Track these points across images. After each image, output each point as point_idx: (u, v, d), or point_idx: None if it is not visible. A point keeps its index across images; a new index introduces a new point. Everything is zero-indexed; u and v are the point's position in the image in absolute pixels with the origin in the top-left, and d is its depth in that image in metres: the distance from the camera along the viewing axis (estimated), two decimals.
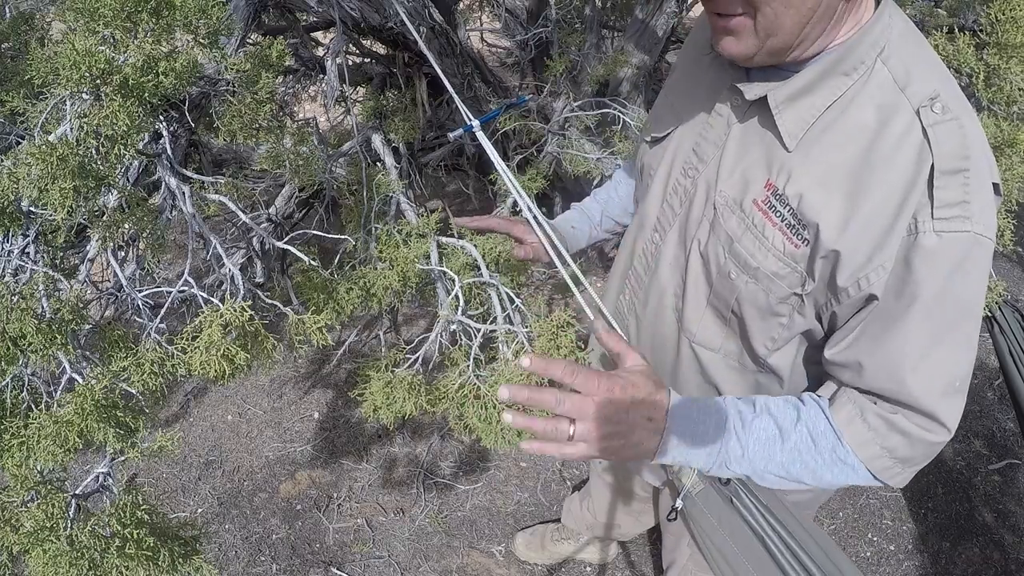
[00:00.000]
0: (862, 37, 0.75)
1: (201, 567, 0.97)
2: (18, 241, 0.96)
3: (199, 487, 2.25)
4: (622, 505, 1.67)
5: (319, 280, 1.23)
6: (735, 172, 0.84)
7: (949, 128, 0.72)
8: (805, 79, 0.77)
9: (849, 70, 0.76)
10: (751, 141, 0.83)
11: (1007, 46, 1.36)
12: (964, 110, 0.75)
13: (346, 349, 2.38)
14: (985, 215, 0.72)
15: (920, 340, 0.76)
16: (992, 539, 2.10)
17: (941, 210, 0.71)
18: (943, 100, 0.73)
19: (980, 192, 0.72)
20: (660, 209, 0.96)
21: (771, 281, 0.82)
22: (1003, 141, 1.36)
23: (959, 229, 0.71)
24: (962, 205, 0.71)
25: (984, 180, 0.73)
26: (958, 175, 0.71)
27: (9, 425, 0.89)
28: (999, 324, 1.60)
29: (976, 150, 0.73)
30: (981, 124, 0.85)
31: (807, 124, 0.78)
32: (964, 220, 0.71)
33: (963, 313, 0.75)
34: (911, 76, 0.75)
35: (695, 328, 0.94)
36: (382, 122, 1.74)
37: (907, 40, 0.78)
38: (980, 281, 0.75)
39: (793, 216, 0.78)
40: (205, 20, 0.93)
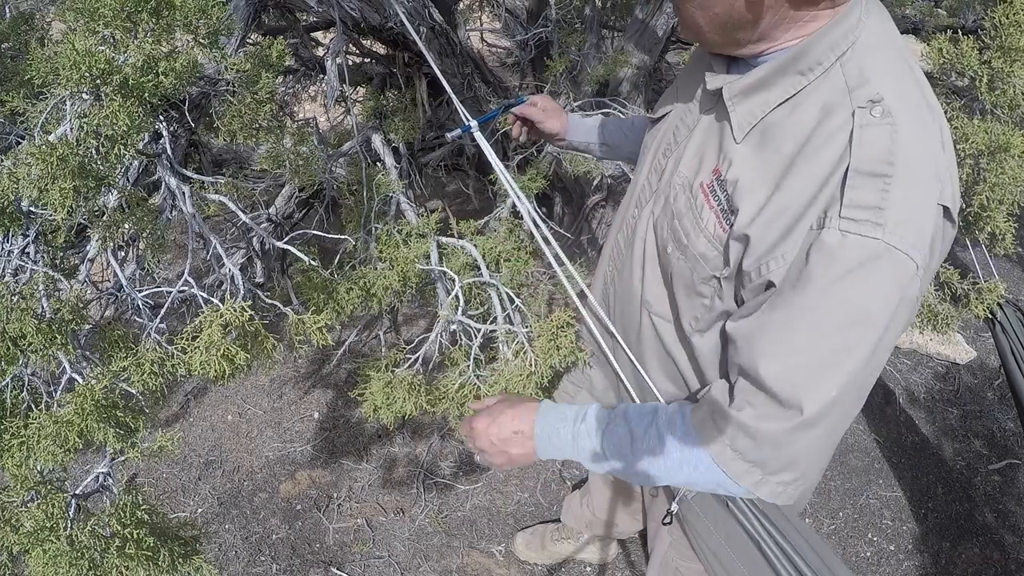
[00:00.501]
0: (820, 38, 0.75)
1: (201, 567, 0.97)
2: (18, 241, 0.96)
3: (199, 487, 2.25)
4: (621, 503, 1.67)
5: (319, 280, 1.23)
6: (695, 156, 0.89)
7: (879, 132, 0.70)
8: (758, 75, 0.79)
9: (805, 70, 0.76)
10: (713, 128, 0.87)
11: (1010, 50, 1.36)
12: (912, 119, 0.72)
13: (346, 349, 2.38)
14: (905, 229, 0.68)
15: (795, 332, 0.73)
16: (992, 539, 2.10)
17: (850, 210, 0.69)
18: (886, 104, 0.71)
19: (903, 204, 0.69)
20: (641, 185, 1.01)
21: (697, 261, 0.85)
22: (999, 146, 1.36)
23: (865, 234, 0.68)
24: (874, 211, 0.68)
25: (913, 194, 0.70)
26: (876, 179, 0.69)
27: (9, 425, 0.89)
28: (1000, 323, 1.60)
29: (909, 161, 0.70)
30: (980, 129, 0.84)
31: (756, 118, 0.80)
32: (874, 226, 0.68)
33: (850, 321, 0.71)
34: (864, 79, 0.74)
35: (650, 298, 0.98)
36: (382, 122, 1.74)
37: (877, 46, 0.76)
38: (882, 294, 0.70)
39: (728, 201, 0.81)
40: (205, 20, 0.93)
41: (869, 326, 0.71)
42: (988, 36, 1.42)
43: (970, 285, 1.63)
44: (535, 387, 1.28)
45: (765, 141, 0.79)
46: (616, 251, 1.08)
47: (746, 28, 0.77)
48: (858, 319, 0.71)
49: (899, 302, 0.70)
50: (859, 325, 0.71)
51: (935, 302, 1.66)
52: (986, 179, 1.40)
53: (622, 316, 1.07)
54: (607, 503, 1.70)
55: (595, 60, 2.21)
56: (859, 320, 0.71)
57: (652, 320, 0.99)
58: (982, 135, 1.38)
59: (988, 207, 1.42)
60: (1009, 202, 1.41)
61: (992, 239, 1.50)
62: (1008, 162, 1.36)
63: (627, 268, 1.02)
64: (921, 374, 2.65)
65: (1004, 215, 1.45)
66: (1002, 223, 1.44)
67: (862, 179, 0.69)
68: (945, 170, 0.73)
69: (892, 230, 0.68)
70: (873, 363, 0.73)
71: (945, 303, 1.66)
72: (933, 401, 2.55)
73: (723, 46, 0.82)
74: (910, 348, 2.74)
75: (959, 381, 2.62)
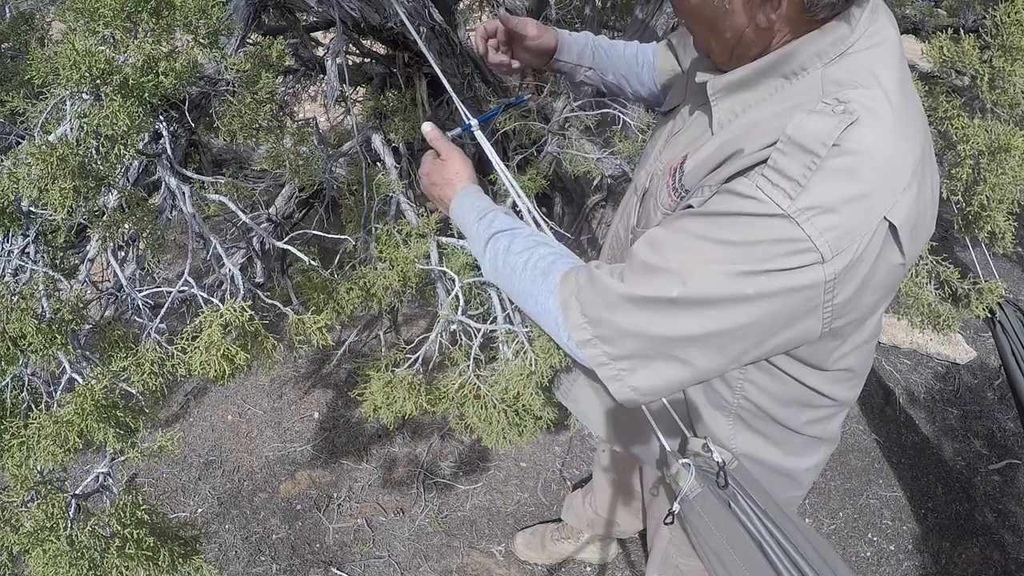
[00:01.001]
0: (806, 45, 0.74)
1: (201, 567, 0.97)
2: (18, 241, 0.96)
3: (199, 487, 2.25)
4: (623, 501, 1.67)
5: (319, 280, 1.23)
6: (678, 146, 0.91)
7: (829, 119, 0.68)
8: (741, 74, 0.80)
9: (789, 74, 0.76)
10: (700, 121, 0.89)
11: (1011, 49, 1.36)
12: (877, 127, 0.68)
13: (346, 349, 2.38)
14: (818, 218, 0.65)
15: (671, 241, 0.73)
16: (992, 539, 2.10)
17: (770, 171, 0.68)
18: (851, 106, 0.69)
19: (827, 192, 0.66)
20: (641, 175, 1.02)
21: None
22: (1000, 146, 1.37)
23: (773, 198, 0.66)
24: (792, 183, 0.66)
25: (844, 189, 0.66)
26: (805, 154, 0.67)
27: (9, 425, 0.89)
28: (1000, 323, 1.60)
29: (854, 158, 0.66)
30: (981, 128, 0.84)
31: (735, 115, 0.81)
32: (784, 196, 0.66)
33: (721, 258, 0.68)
34: (842, 85, 0.72)
35: None
36: (382, 122, 1.74)
37: (871, 56, 0.74)
38: (763, 259, 0.67)
39: (680, 180, 0.85)
40: (205, 20, 0.93)
41: (733, 258, 0.68)
42: (989, 35, 1.42)
43: (970, 285, 1.63)
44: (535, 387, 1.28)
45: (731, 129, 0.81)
46: (616, 240, 1.09)
47: (754, 48, 0.78)
48: (726, 247, 0.68)
49: (780, 271, 0.67)
50: (725, 253, 0.69)
51: (935, 302, 1.66)
52: (986, 179, 1.40)
53: None
54: (609, 501, 1.70)
55: None
56: (727, 248, 0.68)
57: None
58: (982, 134, 1.38)
59: (988, 206, 1.42)
60: (1009, 201, 1.41)
61: (992, 238, 1.50)
62: (1008, 161, 1.36)
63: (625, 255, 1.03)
64: (921, 374, 2.65)
65: (1004, 214, 1.45)
66: (1002, 222, 1.45)
67: (791, 147, 0.68)
68: (906, 190, 0.70)
69: (802, 209, 0.65)
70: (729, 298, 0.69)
71: (945, 303, 1.66)
72: (933, 401, 2.55)
73: (732, 63, 0.82)
74: (910, 348, 2.74)
75: (959, 381, 2.62)
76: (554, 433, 2.36)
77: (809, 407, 0.99)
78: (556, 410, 1.28)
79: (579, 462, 2.32)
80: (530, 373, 1.22)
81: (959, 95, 1.52)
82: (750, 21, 0.75)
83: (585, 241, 2.62)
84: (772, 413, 0.99)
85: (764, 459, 1.04)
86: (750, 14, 0.74)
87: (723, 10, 0.75)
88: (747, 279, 0.68)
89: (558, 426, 2.11)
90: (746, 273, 0.68)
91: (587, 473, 2.27)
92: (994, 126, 1.39)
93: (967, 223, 1.51)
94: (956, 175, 1.45)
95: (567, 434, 2.37)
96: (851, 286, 0.70)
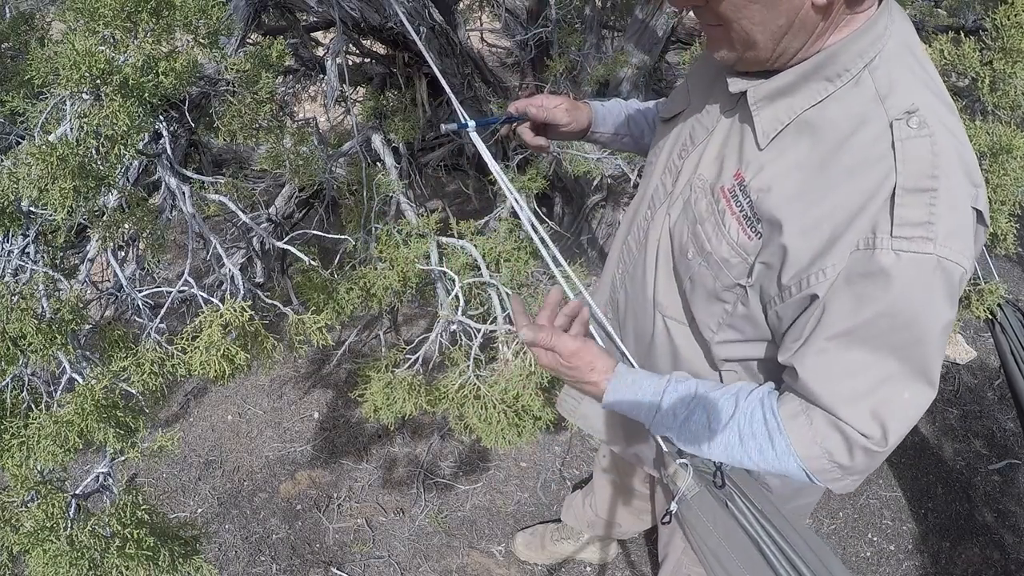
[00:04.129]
0: (848, 45, 0.75)
1: (201, 567, 0.97)
2: (18, 241, 0.96)
3: (199, 487, 2.25)
4: (624, 502, 1.67)
5: (319, 280, 1.23)
6: (716, 158, 0.87)
7: (920, 144, 0.71)
8: (785, 80, 0.78)
9: (832, 76, 0.76)
10: (734, 131, 0.86)
11: (1012, 51, 1.36)
12: (944, 128, 0.72)
13: (346, 349, 2.38)
14: (953, 240, 0.69)
15: (857, 356, 0.75)
16: (992, 539, 2.10)
17: (901, 228, 0.69)
18: (921, 115, 0.71)
19: (949, 215, 0.69)
20: (655, 187, 0.99)
21: (720, 268, 0.84)
22: (1001, 147, 1.36)
23: (919, 251, 0.69)
24: (925, 226, 0.69)
25: (957, 203, 0.70)
26: (924, 194, 0.69)
27: (9, 425, 0.89)
28: (1000, 324, 1.60)
29: (949, 171, 0.70)
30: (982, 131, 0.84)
31: (782, 124, 0.79)
32: (926, 241, 0.69)
33: (915, 338, 0.73)
34: (894, 88, 0.74)
35: (663, 300, 0.97)
36: (382, 122, 1.74)
37: (903, 53, 0.76)
38: (939, 305, 0.72)
39: (751, 208, 0.80)
40: (205, 20, 0.93)
41: (928, 340, 0.73)
42: (989, 37, 1.42)
43: (971, 285, 1.63)
44: (535, 387, 1.28)
45: (793, 149, 0.78)
46: (627, 254, 1.06)
47: (803, 37, 0.75)
48: (921, 336, 0.73)
49: (952, 308, 0.73)
50: (919, 342, 0.73)
51: None
52: (988, 180, 1.40)
53: (633, 319, 1.05)
54: (609, 502, 1.70)
55: (595, 60, 2.21)
56: (922, 337, 0.73)
57: (666, 323, 0.98)
58: (984, 136, 1.38)
59: (990, 208, 1.42)
60: (1011, 203, 1.41)
61: (994, 240, 1.50)
62: (1010, 163, 1.36)
63: (639, 271, 1.01)
64: None
65: (1006, 216, 1.45)
66: (1004, 224, 1.45)
67: (910, 196, 0.70)
68: (976, 172, 0.74)
69: (943, 243, 0.69)
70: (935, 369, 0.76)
71: None
72: (933, 401, 2.55)
73: (772, 60, 0.78)
74: None
75: (959, 381, 2.62)
76: (554, 433, 2.36)
77: None
78: (556, 410, 1.28)
79: (579, 462, 2.32)
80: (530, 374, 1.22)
81: (960, 97, 1.52)
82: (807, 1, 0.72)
83: (585, 241, 2.62)
84: None
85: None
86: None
87: None
88: (938, 337, 0.74)
89: (558, 426, 2.11)
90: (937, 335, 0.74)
91: (587, 473, 2.26)
92: (995, 128, 1.39)
93: None
94: None
95: (567, 434, 2.37)
96: (969, 273, 0.75)
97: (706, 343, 0.94)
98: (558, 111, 1.12)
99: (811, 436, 0.79)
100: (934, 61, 1.48)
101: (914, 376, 0.75)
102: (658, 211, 0.97)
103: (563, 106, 1.12)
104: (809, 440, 0.80)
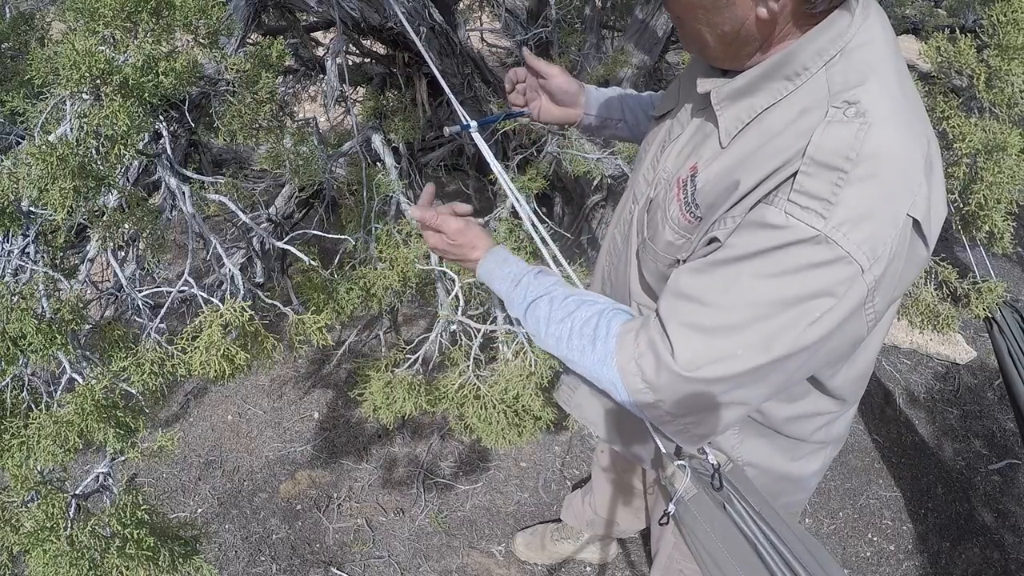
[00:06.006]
0: (806, 44, 0.75)
1: (201, 567, 0.97)
2: (18, 241, 0.96)
3: (199, 487, 2.25)
4: (623, 501, 1.67)
5: (319, 280, 1.23)
6: (680, 153, 0.90)
7: (845, 128, 0.69)
8: (744, 80, 0.79)
9: (791, 75, 0.76)
10: (701, 129, 0.88)
11: (1008, 48, 1.36)
12: (890, 127, 0.70)
13: (346, 349, 2.38)
14: (852, 229, 0.67)
15: (717, 291, 0.73)
16: (992, 539, 2.10)
17: (798, 195, 0.68)
18: (861, 107, 0.70)
19: (857, 203, 0.67)
20: (639, 181, 1.01)
21: (665, 248, 0.87)
22: (996, 145, 1.36)
23: (807, 222, 0.67)
24: (823, 203, 0.67)
25: (872, 196, 0.68)
26: (830, 171, 0.68)
27: (9, 425, 0.89)
28: (998, 324, 1.60)
29: (874, 163, 0.68)
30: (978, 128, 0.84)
31: (742, 123, 0.80)
32: (817, 217, 0.67)
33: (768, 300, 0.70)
34: (848, 84, 0.73)
35: (635, 288, 1.00)
36: (382, 122, 1.74)
37: (869, 52, 0.75)
38: (810, 285, 0.69)
39: (692, 196, 0.83)
40: (205, 20, 0.93)
41: (788, 311, 0.70)
42: (986, 34, 1.42)
43: (970, 285, 1.63)
44: (535, 388, 1.28)
45: (743, 142, 0.80)
46: (613, 246, 1.08)
47: (753, 43, 0.77)
48: (776, 304, 0.70)
49: (831, 301, 0.69)
50: (774, 314, 0.70)
51: (934, 302, 1.66)
52: (984, 178, 1.40)
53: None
54: (609, 501, 1.70)
55: (595, 60, 2.21)
56: (777, 304, 0.70)
57: (640, 311, 1.00)
58: (980, 134, 1.38)
59: (986, 206, 1.42)
60: (1007, 201, 1.41)
61: (990, 238, 1.50)
62: (1006, 160, 1.36)
63: (622, 262, 1.04)
64: (921, 374, 2.65)
65: (1002, 214, 1.44)
66: (1000, 222, 1.44)
67: (816, 168, 0.69)
68: (921, 183, 0.71)
69: (836, 226, 0.67)
70: (792, 352, 0.72)
71: (944, 303, 1.66)
72: (933, 401, 2.55)
73: (727, 60, 0.81)
74: (910, 348, 2.74)
75: (959, 381, 2.62)
76: (554, 433, 2.36)
77: (817, 415, 0.99)
78: (555, 410, 1.28)
79: (579, 462, 2.32)
80: (530, 374, 1.22)
81: (957, 95, 1.52)
82: (751, 13, 0.74)
83: (585, 241, 2.62)
84: (778, 426, 0.99)
85: (770, 467, 1.04)
86: (751, 5, 0.73)
87: (724, 2, 0.74)
88: (805, 331, 0.70)
89: (558, 426, 2.11)
90: (802, 326, 0.70)
91: (587, 473, 2.27)
92: (991, 125, 1.39)
93: (965, 223, 1.51)
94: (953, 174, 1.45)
95: (567, 434, 2.37)
96: (888, 286, 0.72)
97: None
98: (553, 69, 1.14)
99: (632, 351, 0.80)
100: (931, 59, 1.48)
101: (756, 343, 0.72)
102: (639, 204, 1.00)
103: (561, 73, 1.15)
104: (629, 354, 0.80)
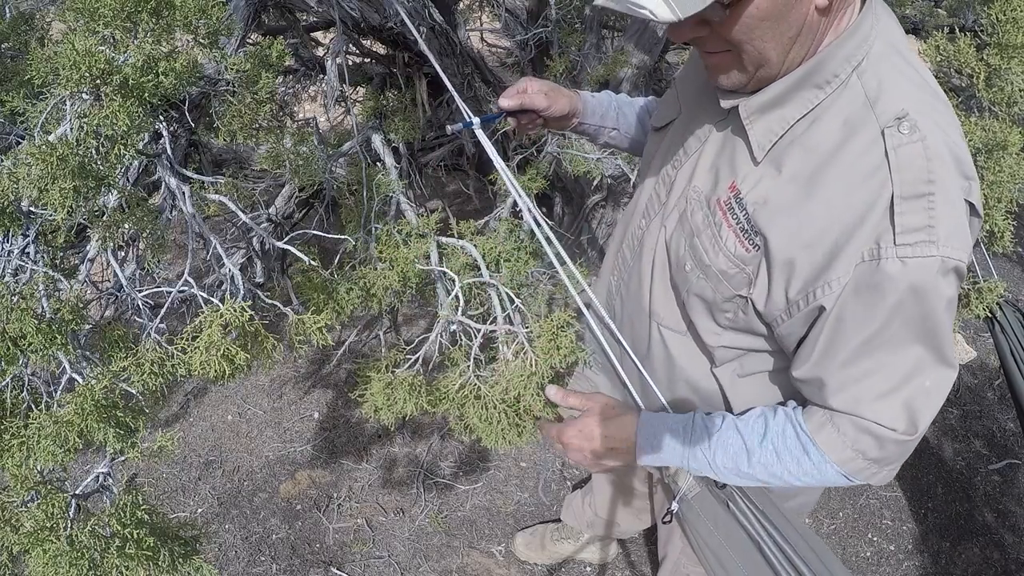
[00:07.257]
0: (835, 51, 0.75)
1: (201, 567, 0.97)
2: (18, 241, 0.96)
3: (199, 487, 2.25)
4: (624, 502, 1.67)
5: (319, 280, 1.23)
6: (710, 170, 0.87)
7: (913, 151, 0.71)
8: (775, 91, 0.78)
9: (822, 83, 0.76)
10: (728, 142, 0.85)
11: (1008, 47, 1.36)
12: (934, 126, 0.73)
13: (346, 349, 2.38)
14: (953, 238, 0.71)
15: (875, 361, 0.76)
16: (992, 539, 2.10)
17: (904, 235, 0.71)
18: (912, 119, 0.72)
19: (947, 216, 0.71)
20: (649, 197, 0.99)
21: (719, 280, 0.84)
22: (996, 144, 1.36)
23: (924, 254, 0.70)
24: (927, 230, 0.70)
25: (952, 202, 0.72)
26: (921, 199, 0.70)
27: (9, 425, 0.89)
28: (1000, 323, 1.59)
29: (942, 172, 0.71)
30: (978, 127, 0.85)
31: (776, 136, 0.79)
32: (929, 245, 0.70)
33: (926, 333, 0.75)
34: (883, 90, 0.74)
35: (660, 310, 0.98)
36: (382, 122, 1.74)
37: (890, 53, 0.76)
38: (943, 301, 0.74)
39: (747, 221, 0.80)
40: (205, 20, 0.93)
41: (939, 336, 0.75)
42: (986, 33, 1.42)
43: (970, 284, 1.63)
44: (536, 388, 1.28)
45: (787, 160, 0.78)
46: (622, 262, 1.06)
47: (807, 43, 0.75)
48: (933, 327, 0.75)
49: (954, 291, 0.75)
50: (933, 334, 0.75)
51: None
52: (984, 177, 1.40)
53: (630, 327, 1.06)
54: (609, 501, 1.70)
55: (595, 60, 2.21)
56: (932, 330, 0.74)
57: (661, 333, 0.98)
58: (980, 133, 1.38)
59: (986, 205, 1.42)
60: (1007, 200, 1.41)
61: (991, 237, 1.50)
62: (1006, 159, 1.36)
63: (635, 280, 1.01)
64: None
65: (1002, 213, 1.44)
66: (1000, 221, 1.44)
67: (909, 203, 0.70)
68: (968, 165, 0.75)
69: (945, 243, 0.71)
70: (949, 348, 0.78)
71: None
72: None
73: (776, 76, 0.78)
74: None
75: (959, 381, 2.62)
76: None
77: None
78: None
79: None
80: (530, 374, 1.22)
81: (957, 94, 1.52)
82: (810, 5, 0.72)
83: (585, 241, 2.62)
84: None
85: None
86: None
87: (790, 2, 0.70)
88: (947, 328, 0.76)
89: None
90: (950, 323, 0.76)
91: (587, 473, 2.26)
92: (991, 124, 1.39)
93: None
94: None
95: None
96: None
97: (707, 349, 0.94)
98: (536, 98, 1.08)
99: (842, 442, 0.81)
100: (930, 58, 1.48)
101: (932, 363, 0.76)
102: (652, 222, 0.97)
103: (542, 91, 1.09)
104: (841, 445, 0.81)
